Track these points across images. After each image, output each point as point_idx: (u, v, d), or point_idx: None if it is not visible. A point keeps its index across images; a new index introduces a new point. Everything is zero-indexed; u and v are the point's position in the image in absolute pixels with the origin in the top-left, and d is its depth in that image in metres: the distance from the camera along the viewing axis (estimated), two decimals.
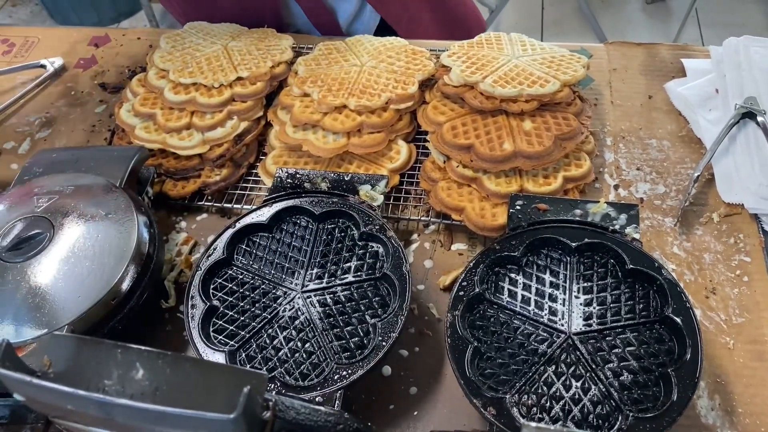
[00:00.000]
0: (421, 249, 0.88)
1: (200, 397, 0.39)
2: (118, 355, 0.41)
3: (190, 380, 0.40)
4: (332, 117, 0.92)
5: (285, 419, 0.44)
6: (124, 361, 0.41)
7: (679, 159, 0.93)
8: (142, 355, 0.41)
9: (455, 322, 0.70)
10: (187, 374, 0.41)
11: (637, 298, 0.71)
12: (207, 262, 0.79)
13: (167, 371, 0.40)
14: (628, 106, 1.01)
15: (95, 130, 1.07)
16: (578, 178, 0.87)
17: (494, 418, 0.63)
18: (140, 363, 0.40)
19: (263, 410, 0.42)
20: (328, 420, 0.47)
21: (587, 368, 0.67)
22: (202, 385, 0.40)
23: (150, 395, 0.39)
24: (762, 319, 0.77)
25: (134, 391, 0.39)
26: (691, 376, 0.63)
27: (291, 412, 0.45)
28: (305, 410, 0.46)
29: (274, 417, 0.43)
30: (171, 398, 0.38)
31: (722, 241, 0.84)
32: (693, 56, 1.07)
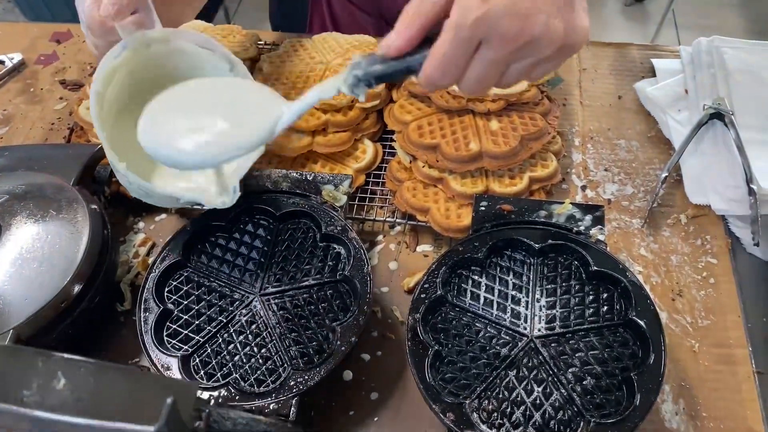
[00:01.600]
0: (386, 250, 0.86)
1: (124, 408, 0.37)
2: (39, 364, 0.39)
3: (115, 390, 0.38)
4: (305, 118, 0.90)
5: (220, 430, 0.42)
6: (45, 370, 0.38)
7: (647, 160, 0.93)
8: (65, 363, 0.39)
9: (416, 326, 0.68)
10: (112, 384, 0.38)
11: (601, 300, 0.70)
12: (162, 263, 0.77)
13: (90, 380, 0.38)
14: (597, 106, 1.00)
15: (54, 128, 1.04)
16: (544, 178, 0.85)
17: (453, 423, 0.62)
18: (62, 372, 0.38)
19: (195, 420, 0.40)
20: (269, 430, 0.45)
21: (549, 372, 0.65)
22: (128, 396, 0.38)
23: (71, 406, 0.36)
24: (727, 321, 0.76)
25: (54, 402, 0.37)
26: (655, 381, 0.62)
27: (227, 422, 0.43)
28: (243, 420, 0.44)
29: (208, 428, 0.41)
30: (93, 410, 0.36)
31: (689, 242, 0.83)
32: (663, 56, 1.06)
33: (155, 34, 0.76)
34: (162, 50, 0.77)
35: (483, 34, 0.48)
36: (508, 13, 0.47)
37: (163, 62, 0.79)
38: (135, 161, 0.73)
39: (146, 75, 0.79)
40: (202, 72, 0.80)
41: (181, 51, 0.79)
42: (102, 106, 0.74)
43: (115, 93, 0.77)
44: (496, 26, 0.47)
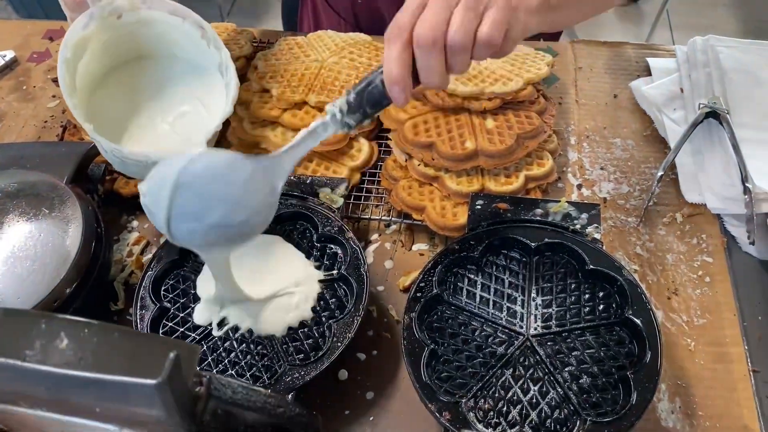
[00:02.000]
0: (381, 249, 0.85)
1: (126, 365, 0.37)
2: (42, 325, 0.39)
3: (118, 350, 0.38)
4: (292, 113, 0.90)
5: (220, 398, 0.42)
6: (48, 330, 0.38)
7: (643, 158, 0.92)
8: (68, 324, 0.39)
9: (412, 324, 0.68)
10: (115, 344, 0.38)
11: (597, 299, 0.70)
12: (159, 262, 0.76)
13: (93, 340, 0.38)
14: (593, 105, 1.00)
15: (47, 126, 1.03)
16: (540, 177, 0.85)
17: (449, 423, 0.61)
18: (65, 332, 0.38)
19: (195, 385, 0.40)
20: (268, 402, 0.45)
21: (545, 371, 0.65)
22: (130, 354, 0.38)
23: (73, 365, 0.36)
24: (723, 320, 0.76)
25: (57, 361, 0.37)
26: (651, 379, 0.62)
27: (227, 390, 0.43)
28: (243, 390, 0.44)
29: (208, 394, 0.41)
30: (95, 366, 0.36)
31: (685, 241, 0.83)
32: (658, 55, 1.06)
33: (122, 2, 0.76)
34: (132, 20, 0.79)
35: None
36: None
37: (135, 34, 0.80)
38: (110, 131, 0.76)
39: (121, 48, 0.81)
40: (173, 38, 0.82)
41: (151, 21, 0.80)
42: (73, 75, 0.75)
43: (93, 66, 0.79)
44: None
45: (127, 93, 0.83)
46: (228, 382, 0.43)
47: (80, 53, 0.77)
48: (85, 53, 0.77)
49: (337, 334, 0.68)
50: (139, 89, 0.84)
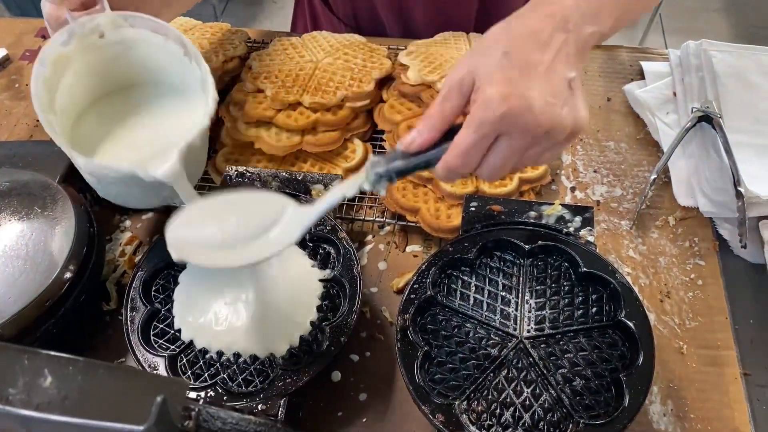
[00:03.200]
0: (375, 250, 0.85)
1: (112, 406, 0.36)
2: (25, 361, 0.38)
3: (103, 388, 0.38)
4: (286, 114, 0.89)
5: (210, 429, 0.41)
6: (31, 367, 0.38)
7: (636, 162, 0.93)
8: (51, 361, 0.38)
9: (406, 326, 0.68)
10: (100, 382, 0.38)
11: (590, 302, 0.70)
12: (149, 263, 0.76)
13: (78, 378, 0.37)
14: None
15: (39, 125, 1.02)
16: (534, 179, 0.85)
17: (442, 425, 0.61)
18: (48, 369, 0.37)
19: (184, 420, 0.40)
20: (259, 429, 0.45)
21: (539, 374, 0.65)
22: (116, 394, 0.37)
23: (58, 405, 0.36)
24: (715, 323, 0.76)
25: (41, 401, 0.36)
26: (643, 382, 0.62)
27: (216, 422, 0.42)
28: (233, 420, 0.43)
29: (197, 427, 0.40)
30: (80, 408, 0.36)
31: (677, 244, 0.84)
32: (652, 59, 1.07)
33: (102, 18, 0.75)
34: (115, 40, 0.78)
35: (504, 128, 0.53)
36: (526, 110, 0.51)
37: (119, 58, 0.80)
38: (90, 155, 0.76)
39: (107, 76, 0.81)
40: (157, 60, 0.81)
41: (134, 42, 0.79)
42: (52, 92, 0.74)
43: (77, 91, 0.78)
44: (516, 122, 0.52)
45: (110, 120, 0.82)
46: (217, 413, 0.43)
47: (61, 71, 0.75)
48: (67, 73, 0.76)
49: (330, 337, 0.68)
50: (123, 117, 0.82)
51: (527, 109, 0.51)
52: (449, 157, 0.54)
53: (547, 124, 0.52)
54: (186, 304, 0.71)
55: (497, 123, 0.52)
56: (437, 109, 0.55)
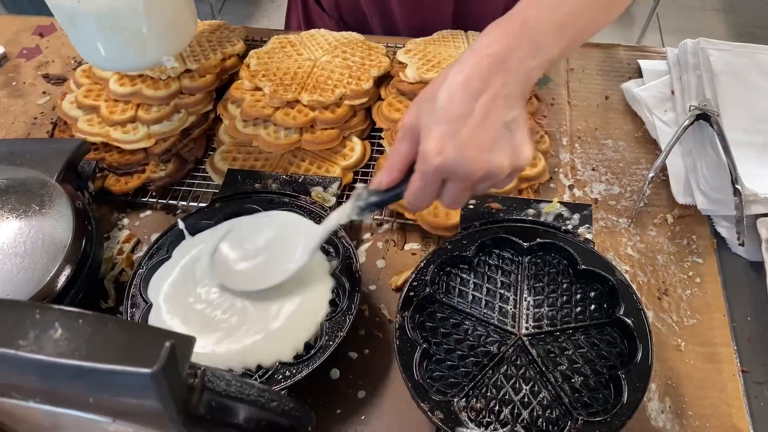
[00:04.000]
0: (373, 248, 0.85)
1: (122, 353, 0.37)
2: (36, 315, 0.38)
3: (112, 340, 0.38)
4: (284, 112, 0.89)
5: (214, 390, 0.42)
6: (42, 321, 0.38)
7: (634, 160, 0.93)
8: (62, 314, 0.39)
9: (404, 324, 0.68)
10: (109, 334, 0.38)
11: (588, 299, 0.70)
12: (150, 261, 0.76)
13: (88, 331, 0.38)
14: (585, 106, 1.00)
15: (37, 122, 1.03)
16: (533, 177, 0.85)
17: (441, 422, 0.61)
18: (59, 323, 0.38)
19: (190, 377, 0.40)
20: (262, 395, 0.45)
21: (537, 371, 0.65)
22: (126, 344, 0.38)
23: (67, 355, 0.36)
24: (713, 320, 0.76)
25: (50, 351, 0.36)
26: (642, 379, 0.62)
27: (221, 382, 0.42)
28: (237, 383, 0.44)
29: (202, 385, 0.41)
30: (89, 357, 0.36)
31: (675, 242, 0.84)
32: (650, 57, 1.07)
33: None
34: None
35: (444, 175, 0.58)
36: (459, 160, 0.56)
37: None
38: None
39: None
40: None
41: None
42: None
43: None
44: (453, 170, 0.57)
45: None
46: (222, 375, 0.43)
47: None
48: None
49: (329, 333, 0.68)
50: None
51: (460, 161, 0.56)
52: (408, 196, 0.61)
53: (482, 171, 0.57)
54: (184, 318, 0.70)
55: (437, 173, 0.57)
56: (396, 150, 0.61)
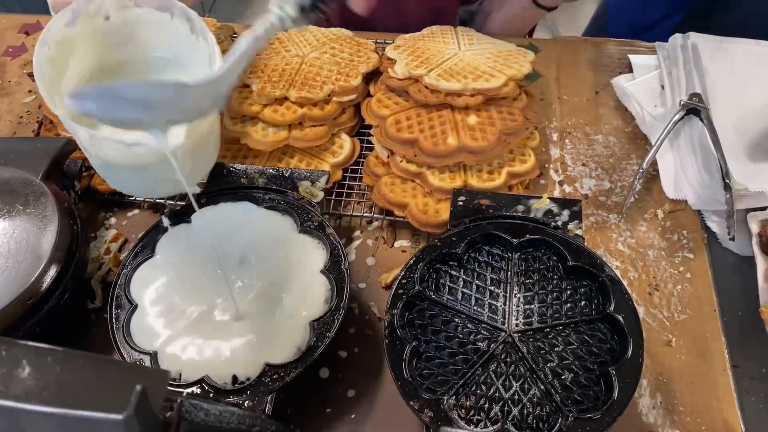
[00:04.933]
0: (363, 246, 0.85)
1: (91, 396, 0.36)
2: (2, 352, 0.38)
3: (83, 379, 0.37)
4: (272, 109, 0.88)
5: (192, 421, 0.41)
6: (9, 358, 0.37)
7: (624, 155, 0.93)
8: (30, 351, 0.38)
9: (393, 322, 0.67)
10: (80, 372, 0.37)
11: (578, 295, 0.70)
12: (135, 260, 0.75)
13: (57, 369, 0.37)
14: (575, 101, 1.00)
15: (23, 121, 1.01)
16: (522, 173, 0.85)
17: (431, 420, 0.61)
18: (27, 360, 0.37)
19: (165, 411, 0.39)
20: (243, 421, 0.44)
21: (527, 368, 0.65)
22: (96, 384, 0.37)
23: (36, 395, 0.35)
24: (703, 315, 0.76)
25: (18, 391, 0.35)
26: (633, 375, 0.62)
27: (200, 413, 0.42)
28: (216, 411, 0.43)
29: (179, 418, 0.40)
30: (58, 398, 0.35)
31: (666, 237, 0.83)
32: (640, 52, 1.07)
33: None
34: (121, 21, 0.75)
35: None
36: None
37: (125, 37, 0.77)
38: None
39: (113, 52, 0.77)
40: (164, 40, 0.78)
41: (140, 21, 0.76)
42: (60, 73, 0.71)
43: (81, 72, 0.75)
44: None
45: None
46: (199, 405, 0.42)
47: (67, 52, 0.72)
48: (73, 54, 0.73)
49: (318, 333, 0.67)
50: None
51: None
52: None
53: None
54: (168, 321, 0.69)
55: None
56: None
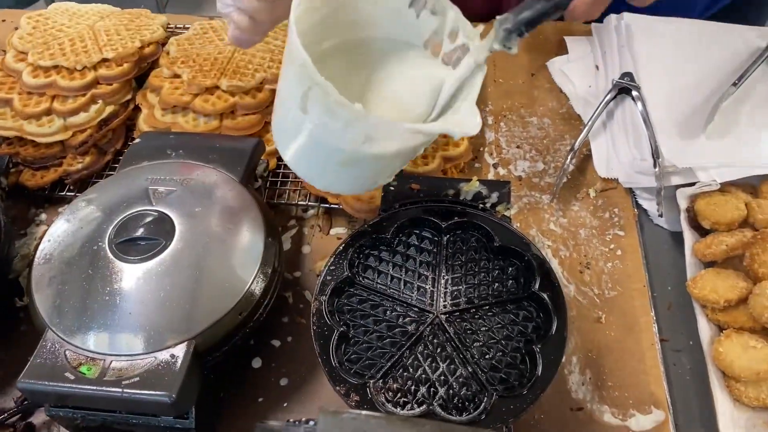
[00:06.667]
0: (298, 234, 0.84)
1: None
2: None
3: None
4: (203, 98, 0.87)
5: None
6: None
7: (558, 136, 0.93)
8: None
9: (321, 308, 0.67)
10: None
11: (506, 275, 0.70)
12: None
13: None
14: (510, 84, 1.01)
15: None
16: (456, 157, 0.85)
17: (357, 404, 0.61)
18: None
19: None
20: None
21: (454, 348, 0.65)
22: None
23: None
24: (633, 291, 0.78)
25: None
26: (557, 352, 0.63)
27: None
28: None
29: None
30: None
31: (597, 216, 0.84)
32: (575, 33, 1.07)
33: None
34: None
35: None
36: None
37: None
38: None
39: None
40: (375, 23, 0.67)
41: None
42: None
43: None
44: None
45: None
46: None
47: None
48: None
49: (245, 323, 0.67)
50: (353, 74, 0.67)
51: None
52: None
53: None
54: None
55: None
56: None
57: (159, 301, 0.63)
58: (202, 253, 0.66)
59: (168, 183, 0.72)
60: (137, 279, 0.64)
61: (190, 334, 0.61)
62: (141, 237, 0.66)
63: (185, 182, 0.72)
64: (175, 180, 0.72)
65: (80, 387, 0.58)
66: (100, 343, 0.61)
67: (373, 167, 0.63)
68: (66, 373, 0.59)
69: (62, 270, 0.66)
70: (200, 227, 0.68)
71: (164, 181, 0.72)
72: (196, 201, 0.70)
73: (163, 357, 0.60)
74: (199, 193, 0.71)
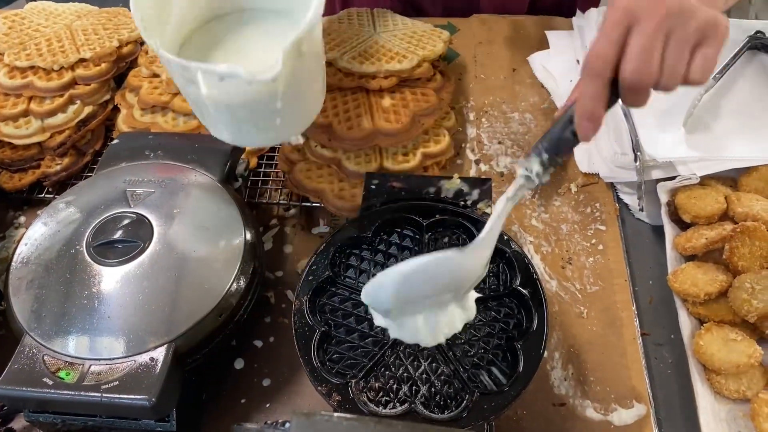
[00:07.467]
0: (280, 233, 0.84)
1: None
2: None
3: None
4: (182, 98, 0.87)
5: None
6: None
7: (540, 131, 0.93)
8: None
9: (302, 308, 0.67)
10: None
11: (488, 273, 0.70)
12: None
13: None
14: (492, 80, 1.00)
15: None
16: (437, 154, 0.85)
17: (339, 404, 0.61)
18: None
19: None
20: None
21: (436, 347, 0.65)
22: None
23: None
24: (615, 285, 0.78)
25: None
26: (537, 348, 0.63)
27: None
28: None
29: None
30: None
31: (579, 210, 0.85)
32: (557, 28, 1.07)
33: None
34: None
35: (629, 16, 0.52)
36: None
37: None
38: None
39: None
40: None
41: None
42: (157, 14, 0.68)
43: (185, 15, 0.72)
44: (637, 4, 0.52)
45: (213, 47, 0.73)
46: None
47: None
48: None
49: (225, 323, 0.67)
50: (225, 43, 0.74)
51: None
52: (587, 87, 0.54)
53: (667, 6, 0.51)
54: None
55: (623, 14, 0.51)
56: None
57: (138, 303, 0.62)
58: (180, 255, 0.66)
59: (146, 184, 0.71)
60: (116, 282, 0.63)
61: (170, 336, 0.61)
62: (119, 240, 0.66)
63: (163, 183, 0.72)
64: (153, 181, 0.72)
65: (59, 392, 0.57)
66: (79, 347, 0.60)
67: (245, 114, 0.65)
68: (44, 378, 0.58)
69: (40, 274, 0.65)
70: (179, 229, 0.68)
71: (142, 182, 0.72)
72: (174, 202, 0.70)
73: (143, 360, 0.59)
74: (178, 194, 0.71)
